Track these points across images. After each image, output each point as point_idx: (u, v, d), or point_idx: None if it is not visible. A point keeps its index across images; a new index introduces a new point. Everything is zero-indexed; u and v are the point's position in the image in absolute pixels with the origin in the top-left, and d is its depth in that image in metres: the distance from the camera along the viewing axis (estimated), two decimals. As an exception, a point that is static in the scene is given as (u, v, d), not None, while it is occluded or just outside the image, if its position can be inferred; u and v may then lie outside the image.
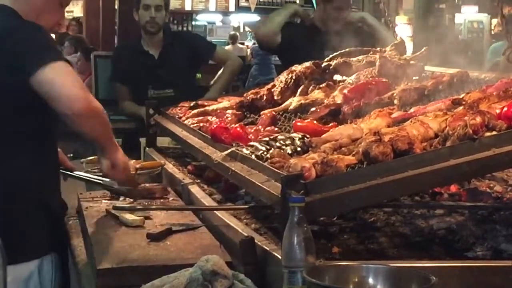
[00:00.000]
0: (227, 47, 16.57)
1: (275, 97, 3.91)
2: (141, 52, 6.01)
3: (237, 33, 19.51)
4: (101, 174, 3.41)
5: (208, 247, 2.78)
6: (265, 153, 2.84)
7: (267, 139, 2.98)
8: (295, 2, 20.82)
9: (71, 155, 4.43)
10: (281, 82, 3.99)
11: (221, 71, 6.17)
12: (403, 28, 11.62)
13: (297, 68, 4.06)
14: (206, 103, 4.26)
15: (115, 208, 3.20)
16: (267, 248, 2.44)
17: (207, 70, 7.62)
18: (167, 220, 3.13)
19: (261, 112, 3.71)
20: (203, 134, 3.47)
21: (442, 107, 3.01)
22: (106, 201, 3.47)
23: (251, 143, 3.01)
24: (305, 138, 2.93)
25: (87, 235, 3.05)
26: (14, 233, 3.07)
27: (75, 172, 3.58)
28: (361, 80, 3.73)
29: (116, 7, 7.96)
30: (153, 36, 5.98)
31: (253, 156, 2.82)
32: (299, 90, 3.86)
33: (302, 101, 3.67)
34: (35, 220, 3.17)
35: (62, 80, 2.99)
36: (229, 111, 3.89)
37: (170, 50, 5.99)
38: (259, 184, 2.54)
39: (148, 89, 5.88)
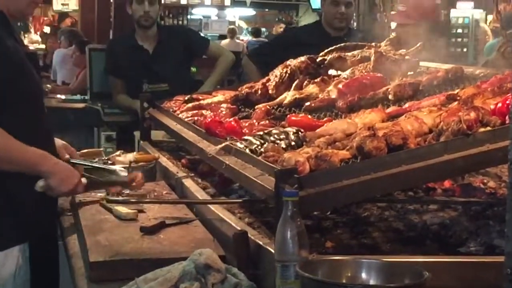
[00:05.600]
0: (224, 42, 16.55)
1: (270, 92, 3.91)
2: (136, 47, 6.00)
3: (236, 28, 19.49)
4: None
5: (201, 240, 2.79)
6: (259, 147, 2.84)
7: (261, 133, 2.98)
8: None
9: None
10: (275, 76, 3.99)
11: (215, 66, 6.18)
12: (399, 23, 11.60)
13: (292, 62, 4.06)
14: (200, 97, 4.26)
15: (108, 201, 3.20)
16: (260, 242, 2.44)
17: (202, 64, 7.62)
18: (160, 213, 3.14)
19: (256, 106, 3.71)
20: (198, 127, 3.46)
21: (436, 103, 3.01)
22: (100, 194, 3.47)
23: (245, 137, 3.01)
24: (299, 133, 2.93)
25: (80, 227, 3.04)
26: None
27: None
28: (356, 75, 3.73)
29: (111, 0, 7.95)
30: (147, 30, 5.97)
31: (247, 150, 2.82)
32: (294, 84, 3.86)
33: (297, 96, 3.67)
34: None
35: None
36: (224, 105, 3.89)
37: (165, 45, 5.98)
38: (253, 178, 2.54)
39: (143, 84, 5.88)
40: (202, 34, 9.81)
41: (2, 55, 2.98)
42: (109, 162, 3.54)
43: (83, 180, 3.14)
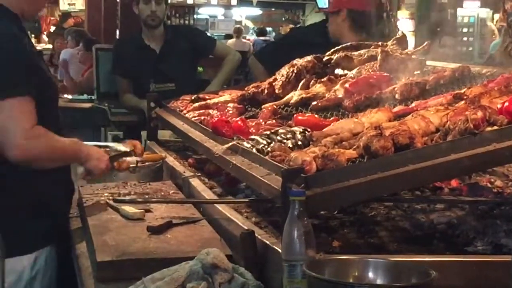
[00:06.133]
0: (230, 41, 16.56)
1: (276, 91, 3.90)
2: (142, 47, 6.01)
3: (242, 27, 19.48)
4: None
5: (208, 240, 2.79)
6: (266, 146, 2.84)
7: (268, 132, 2.98)
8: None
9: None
10: (282, 76, 3.99)
11: (221, 65, 6.18)
12: (405, 22, 11.60)
13: (299, 62, 4.06)
14: (207, 97, 4.26)
15: (115, 200, 3.21)
16: (267, 242, 2.44)
17: (209, 64, 7.63)
18: (167, 213, 3.14)
19: (262, 106, 3.71)
20: (204, 127, 3.47)
21: (443, 102, 3.01)
22: (107, 193, 3.48)
23: (252, 136, 3.01)
24: (306, 132, 2.93)
25: (87, 227, 3.05)
26: (6, 227, 3.05)
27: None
28: (363, 74, 3.73)
29: (118, 0, 7.95)
30: (154, 30, 5.98)
31: (254, 150, 2.82)
32: (300, 84, 3.86)
33: (303, 95, 3.67)
34: (27, 214, 3.12)
35: (4, 123, 2.92)
36: (230, 105, 3.89)
37: (172, 45, 5.99)
38: (260, 177, 2.54)
39: (150, 83, 5.89)
40: (208, 34, 9.82)
41: (28, 63, 3.04)
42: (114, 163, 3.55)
43: None
